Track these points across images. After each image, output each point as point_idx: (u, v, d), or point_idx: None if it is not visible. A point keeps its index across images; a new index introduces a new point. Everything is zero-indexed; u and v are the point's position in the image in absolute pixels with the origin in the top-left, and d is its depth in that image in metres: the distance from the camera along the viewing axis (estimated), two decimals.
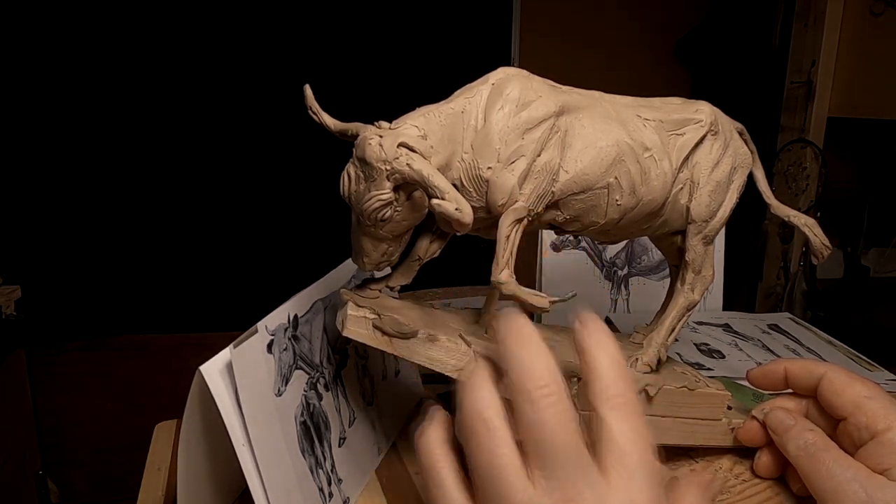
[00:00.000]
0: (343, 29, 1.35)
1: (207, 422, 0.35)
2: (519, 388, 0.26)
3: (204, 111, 1.30)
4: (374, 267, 0.36)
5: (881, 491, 0.33)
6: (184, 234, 1.33)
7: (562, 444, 0.25)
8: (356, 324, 0.36)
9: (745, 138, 0.45)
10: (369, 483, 0.45)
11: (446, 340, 0.37)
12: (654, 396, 0.41)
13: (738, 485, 0.44)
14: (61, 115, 1.22)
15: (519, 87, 0.36)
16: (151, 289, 1.34)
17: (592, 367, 0.27)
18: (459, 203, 0.28)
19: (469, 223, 0.28)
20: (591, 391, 0.27)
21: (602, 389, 0.27)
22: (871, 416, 0.36)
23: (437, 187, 0.29)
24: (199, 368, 0.32)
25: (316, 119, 0.35)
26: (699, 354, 0.68)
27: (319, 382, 0.41)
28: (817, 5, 1.42)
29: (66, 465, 1.30)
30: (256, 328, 0.35)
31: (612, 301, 0.78)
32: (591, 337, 0.28)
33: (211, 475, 0.39)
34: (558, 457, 0.25)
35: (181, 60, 1.26)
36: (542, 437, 0.25)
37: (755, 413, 0.43)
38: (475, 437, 0.27)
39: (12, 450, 1.15)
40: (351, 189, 0.33)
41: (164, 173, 1.30)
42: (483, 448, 0.26)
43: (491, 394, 0.28)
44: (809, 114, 1.46)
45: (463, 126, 0.34)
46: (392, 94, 1.36)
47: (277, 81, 1.30)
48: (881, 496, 0.33)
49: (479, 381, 0.28)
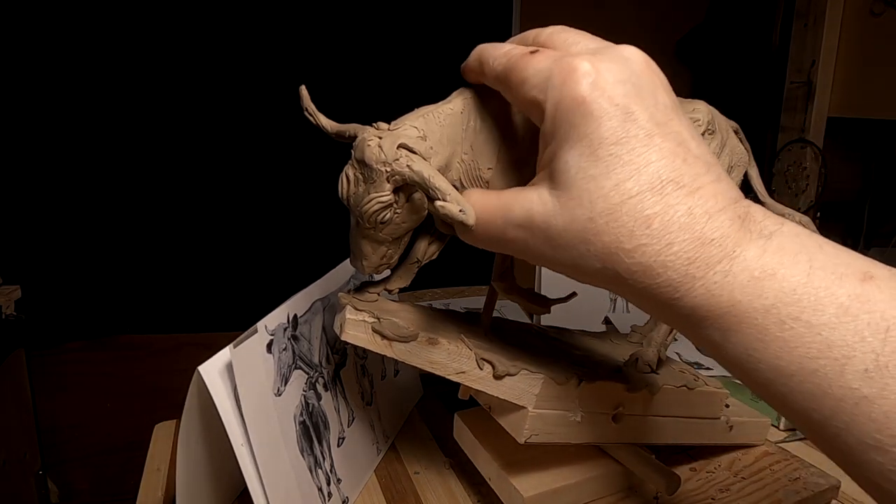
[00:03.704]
0: (340, 28, 1.35)
1: (207, 422, 0.35)
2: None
3: (203, 112, 1.30)
4: (373, 270, 0.35)
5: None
6: (184, 234, 1.33)
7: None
8: (355, 328, 0.36)
9: (741, 137, 0.45)
10: (368, 483, 0.45)
11: (447, 343, 0.36)
12: (654, 396, 0.41)
13: (738, 483, 0.44)
14: (61, 115, 1.21)
15: None
16: (151, 289, 1.34)
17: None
18: (462, 204, 0.28)
19: (473, 225, 0.28)
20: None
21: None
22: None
23: (438, 189, 0.29)
24: (198, 368, 0.32)
25: (312, 121, 0.35)
26: (699, 354, 0.68)
27: (318, 382, 0.41)
28: (817, 5, 1.42)
29: (66, 465, 1.30)
30: (256, 328, 0.35)
31: (611, 301, 0.78)
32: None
33: (210, 475, 0.39)
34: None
35: (180, 61, 1.26)
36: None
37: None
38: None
39: (12, 450, 1.15)
40: (350, 191, 0.32)
41: (164, 174, 1.30)
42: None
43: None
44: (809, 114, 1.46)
45: (462, 127, 0.33)
46: (390, 93, 1.36)
47: (276, 81, 1.30)
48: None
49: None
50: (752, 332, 0.21)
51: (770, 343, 0.21)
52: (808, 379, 0.20)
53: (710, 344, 0.23)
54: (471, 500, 0.43)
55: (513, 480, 0.38)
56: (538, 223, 0.25)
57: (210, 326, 1.31)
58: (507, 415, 0.37)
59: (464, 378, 0.36)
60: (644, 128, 0.23)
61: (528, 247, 0.26)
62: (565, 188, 0.24)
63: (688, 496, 0.42)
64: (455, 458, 0.47)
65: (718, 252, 0.22)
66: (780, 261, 0.21)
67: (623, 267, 0.23)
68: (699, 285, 0.22)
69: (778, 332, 0.21)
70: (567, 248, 0.24)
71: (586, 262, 0.24)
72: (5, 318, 1.15)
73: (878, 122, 1.51)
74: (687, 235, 0.22)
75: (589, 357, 0.43)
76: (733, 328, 0.22)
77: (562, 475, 0.39)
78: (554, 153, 0.25)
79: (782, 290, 0.21)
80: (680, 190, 0.22)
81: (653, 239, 0.22)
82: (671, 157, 0.23)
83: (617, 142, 0.23)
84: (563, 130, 0.24)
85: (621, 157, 0.23)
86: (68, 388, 1.29)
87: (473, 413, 0.43)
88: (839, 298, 0.20)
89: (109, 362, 1.31)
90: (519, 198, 0.26)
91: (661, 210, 0.22)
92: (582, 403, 0.38)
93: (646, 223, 0.22)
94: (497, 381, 0.36)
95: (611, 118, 0.23)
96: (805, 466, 0.46)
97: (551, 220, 0.24)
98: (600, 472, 0.40)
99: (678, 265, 0.22)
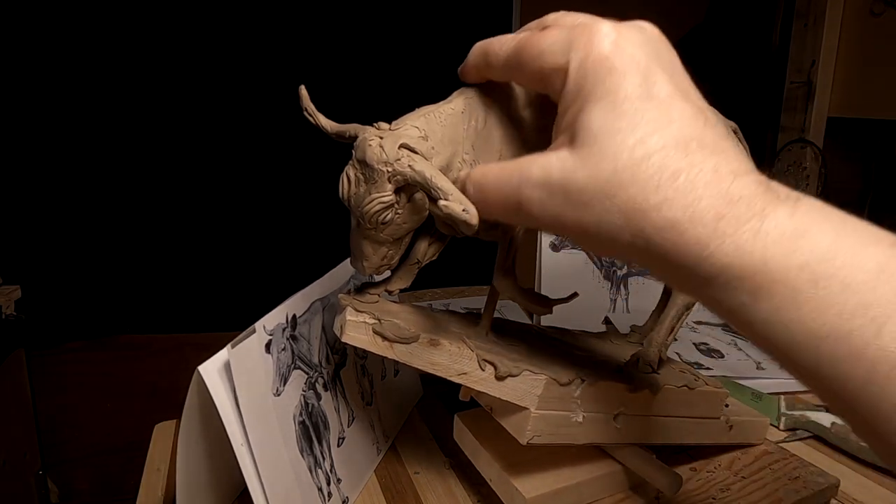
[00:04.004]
0: (340, 28, 1.35)
1: (206, 422, 0.35)
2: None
3: (203, 112, 1.30)
4: (373, 271, 0.35)
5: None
6: (183, 234, 1.33)
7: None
8: (355, 329, 0.35)
9: (739, 137, 0.45)
10: (368, 483, 0.45)
11: (449, 345, 0.36)
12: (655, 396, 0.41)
13: (738, 482, 0.44)
14: (61, 115, 1.21)
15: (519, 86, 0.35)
16: (151, 289, 1.34)
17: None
18: (465, 204, 0.28)
19: (476, 224, 0.28)
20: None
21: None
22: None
23: (440, 189, 0.28)
24: (197, 368, 0.32)
25: (312, 121, 0.35)
26: (698, 354, 0.68)
27: (318, 382, 0.41)
28: (817, 5, 1.42)
29: (66, 465, 1.30)
30: (254, 328, 0.35)
31: (611, 301, 0.77)
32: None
33: (210, 475, 0.39)
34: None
35: (180, 61, 1.26)
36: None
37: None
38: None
39: (12, 450, 1.15)
40: (351, 191, 0.32)
41: (164, 174, 1.30)
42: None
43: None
44: (809, 114, 1.46)
45: (464, 126, 0.33)
46: (390, 93, 1.36)
47: (276, 81, 1.30)
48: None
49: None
50: (785, 293, 0.20)
51: (803, 304, 0.20)
52: (841, 341, 0.19)
53: (737, 308, 0.22)
54: (471, 500, 0.43)
55: (514, 482, 0.38)
56: (557, 180, 0.24)
57: (210, 326, 1.31)
58: (508, 416, 0.37)
59: (466, 379, 0.36)
60: (665, 89, 0.23)
61: (545, 208, 0.25)
62: (587, 144, 0.23)
63: (689, 496, 0.42)
64: (455, 458, 0.47)
65: (747, 211, 0.21)
66: (811, 221, 0.21)
67: (649, 223, 0.22)
68: (729, 242, 0.21)
69: (811, 292, 0.20)
70: (588, 206, 0.23)
71: (608, 221, 0.23)
72: (5, 318, 1.15)
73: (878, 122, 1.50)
74: (714, 191, 0.21)
75: (590, 358, 0.43)
76: (764, 288, 0.21)
77: (563, 476, 0.39)
78: (576, 114, 0.24)
79: (816, 248, 0.20)
80: (704, 149, 0.22)
81: (679, 193, 0.22)
82: (693, 119, 0.23)
83: (640, 98, 0.23)
84: (586, 89, 0.24)
85: (645, 114, 0.23)
86: (68, 388, 1.29)
87: (473, 414, 0.43)
88: (875, 257, 0.20)
89: (109, 362, 1.31)
90: (537, 159, 0.25)
91: (687, 166, 0.22)
92: (584, 404, 0.38)
93: (672, 177, 0.22)
94: (499, 382, 0.36)
95: (634, 75, 0.23)
96: (804, 465, 0.46)
97: (571, 177, 0.23)
98: (602, 472, 0.40)
99: (707, 220, 0.21)
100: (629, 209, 0.22)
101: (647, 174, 0.22)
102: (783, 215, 0.21)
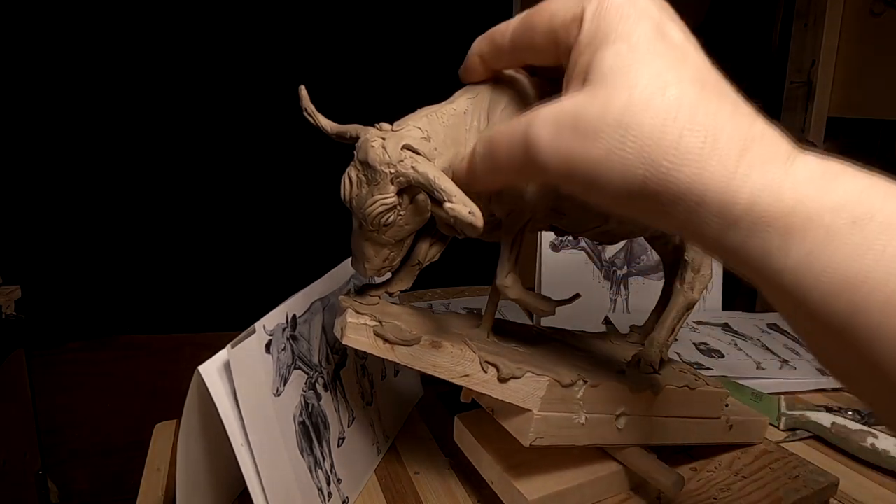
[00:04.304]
0: (340, 28, 1.35)
1: (206, 422, 0.35)
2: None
3: (203, 112, 1.29)
4: (375, 273, 0.35)
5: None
6: (183, 234, 1.33)
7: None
8: (356, 331, 0.35)
9: None
10: (368, 483, 0.45)
11: (451, 347, 0.36)
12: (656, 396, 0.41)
13: (738, 482, 0.44)
14: (61, 115, 1.21)
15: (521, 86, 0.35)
16: (151, 289, 1.34)
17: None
18: (470, 205, 0.28)
19: (482, 226, 0.27)
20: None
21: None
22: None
23: (443, 190, 0.28)
24: (197, 368, 0.32)
25: (312, 121, 0.34)
26: (698, 354, 0.68)
27: (318, 382, 0.41)
28: (817, 5, 1.42)
29: (66, 465, 1.30)
30: (254, 328, 0.35)
31: (611, 301, 0.77)
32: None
33: (210, 475, 0.39)
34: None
35: (180, 61, 1.26)
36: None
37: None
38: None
39: (12, 450, 1.15)
40: (352, 193, 0.32)
41: (164, 174, 1.30)
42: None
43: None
44: (809, 114, 1.46)
45: (466, 127, 0.33)
46: (390, 93, 1.36)
47: (276, 81, 1.30)
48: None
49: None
50: (819, 235, 0.18)
51: (839, 247, 0.18)
52: (880, 287, 0.18)
53: (762, 256, 0.20)
54: (471, 500, 0.43)
55: (516, 483, 0.38)
56: (567, 113, 0.23)
57: (210, 326, 1.31)
58: (511, 418, 0.37)
59: (468, 381, 0.36)
60: (679, 36, 0.23)
61: (552, 145, 0.23)
62: (600, 81, 0.22)
63: (689, 496, 0.42)
64: (455, 458, 0.47)
65: (773, 148, 0.20)
66: (841, 166, 0.20)
67: (665, 154, 0.20)
68: (756, 177, 0.20)
69: (848, 234, 0.18)
70: (599, 138, 0.22)
71: (620, 156, 0.21)
72: (5, 318, 1.15)
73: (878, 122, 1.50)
74: (736, 126, 0.20)
75: (591, 358, 0.43)
76: (797, 230, 0.19)
77: (565, 477, 0.39)
78: (589, 59, 0.23)
79: (852, 189, 0.19)
80: (720, 91, 0.22)
81: (698, 124, 0.20)
82: (707, 66, 0.23)
83: (655, 40, 0.22)
84: (599, 36, 0.23)
85: (660, 53, 0.22)
86: (68, 388, 1.29)
87: (474, 415, 0.43)
88: None
89: (109, 362, 1.31)
90: (547, 104, 0.24)
91: (705, 100, 0.21)
92: (586, 405, 0.38)
93: (691, 108, 0.21)
94: (502, 384, 0.36)
95: (647, 22, 0.23)
96: (804, 464, 0.46)
97: (582, 110, 0.22)
98: (604, 473, 0.40)
99: (731, 152, 0.20)
100: (644, 141, 0.21)
101: (663, 104, 0.21)
102: (812, 158, 0.20)
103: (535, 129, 0.24)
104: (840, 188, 0.19)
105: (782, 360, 0.68)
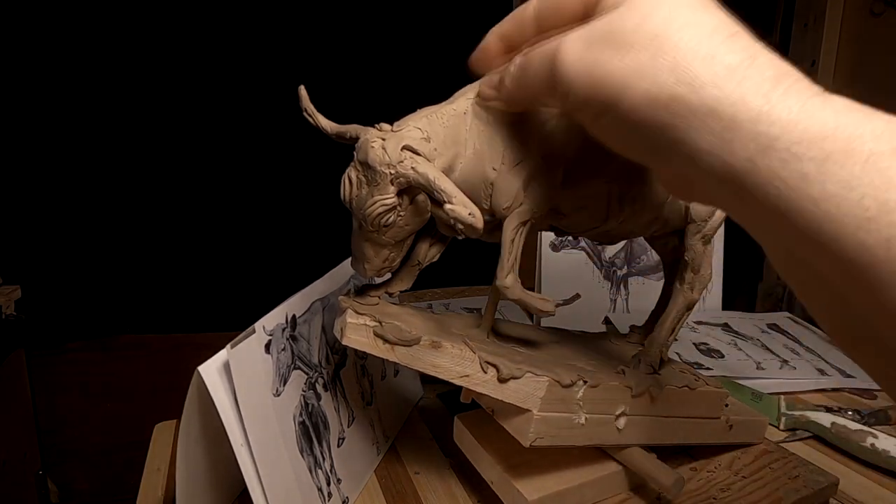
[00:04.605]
0: (340, 28, 1.35)
1: (206, 422, 0.35)
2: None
3: (203, 112, 1.29)
4: (375, 273, 0.35)
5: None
6: (183, 234, 1.33)
7: None
8: (356, 332, 0.35)
9: None
10: (368, 483, 0.45)
11: (451, 347, 0.36)
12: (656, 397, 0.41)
13: (738, 482, 0.44)
14: (61, 115, 1.21)
15: None
16: (151, 289, 1.34)
17: None
18: (470, 206, 0.28)
19: (481, 227, 0.27)
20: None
21: None
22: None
23: (443, 191, 0.28)
24: (197, 368, 0.32)
25: (311, 121, 0.34)
26: (698, 354, 0.68)
27: (318, 382, 0.41)
28: (817, 5, 1.42)
29: (66, 465, 1.30)
30: (254, 328, 0.35)
31: (611, 301, 0.77)
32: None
33: (210, 475, 0.39)
34: None
35: (180, 61, 1.26)
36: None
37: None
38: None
39: (12, 450, 1.15)
40: (352, 194, 0.31)
41: (164, 174, 1.30)
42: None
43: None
44: None
45: (465, 127, 0.33)
46: (390, 94, 1.36)
47: (276, 81, 1.30)
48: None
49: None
50: (860, 160, 0.18)
51: (883, 171, 0.18)
52: None
53: (795, 185, 0.19)
54: (471, 500, 0.43)
55: (516, 484, 0.38)
56: (599, 28, 0.23)
57: (210, 326, 1.31)
58: (511, 418, 0.37)
59: (467, 382, 0.36)
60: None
61: (582, 57, 0.23)
62: (635, 1, 0.23)
63: (690, 496, 0.42)
64: (455, 458, 0.47)
65: (806, 83, 0.20)
66: (871, 108, 0.19)
67: (701, 70, 0.20)
68: (793, 98, 0.19)
69: (891, 160, 0.18)
70: (633, 49, 0.21)
71: (653, 66, 0.21)
72: (5, 318, 1.15)
73: None
74: (770, 59, 0.20)
75: (591, 359, 0.43)
76: (838, 153, 0.18)
77: (565, 477, 0.39)
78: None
79: (889, 120, 0.19)
80: (751, 37, 0.22)
81: (735, 47, 0.20)
82: (733, 20, 0.23)
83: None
84: None
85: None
86: (68, 388, 1.28)
87: (474, 416, 0.43)
88: None
89: (109, 362, 1.31)
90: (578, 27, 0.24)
91: (740, 31, 0.21)
92: (586, 406, 0.38)
93: (730, 31, 0.21)
94: (501, 384, 0.36)
95: None
96: (804, 464, 0.46)
97: (618, 24, 0.22)
98: (603, 473, 0.40)
99: (767, 74, 0.20)
100: (681, 54, 0.21)
101: (701, 23, 0.21)
102: (839, 97, 0.20)
103: (565, 45, 0.24)
104: (878, 119, 0.19)
105: (782, 360, 0.68)
